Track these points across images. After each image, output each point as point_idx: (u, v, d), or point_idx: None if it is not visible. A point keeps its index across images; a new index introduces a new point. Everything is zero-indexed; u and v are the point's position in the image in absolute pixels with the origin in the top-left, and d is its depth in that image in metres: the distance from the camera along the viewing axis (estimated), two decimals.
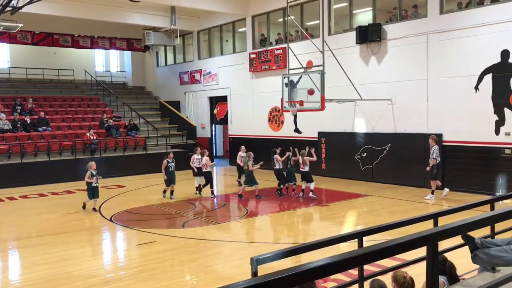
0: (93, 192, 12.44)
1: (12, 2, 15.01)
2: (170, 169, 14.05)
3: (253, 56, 20.89)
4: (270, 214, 12.37)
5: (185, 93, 25.55)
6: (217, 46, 23.73)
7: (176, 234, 10.21)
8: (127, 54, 28.50)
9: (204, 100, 24.59)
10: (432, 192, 13.17)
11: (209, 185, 14.46)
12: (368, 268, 4.59)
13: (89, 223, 11.54)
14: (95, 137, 19.94)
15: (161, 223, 11.71)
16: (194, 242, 9.54)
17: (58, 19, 21.01)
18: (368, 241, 3.62)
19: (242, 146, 16.13)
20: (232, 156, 23.05)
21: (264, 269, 2.75)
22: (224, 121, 23.81)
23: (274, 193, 14.34)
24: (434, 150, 13.01)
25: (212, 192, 14.50)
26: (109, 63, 29.60)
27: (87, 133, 19.96)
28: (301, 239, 10.09)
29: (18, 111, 20.53)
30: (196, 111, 25.05)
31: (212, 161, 15.79)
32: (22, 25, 17.45)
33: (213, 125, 25.03)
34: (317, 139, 18.37)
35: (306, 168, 13.63)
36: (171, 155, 14.45)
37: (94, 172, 12.39)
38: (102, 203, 13.30)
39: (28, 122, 19.78)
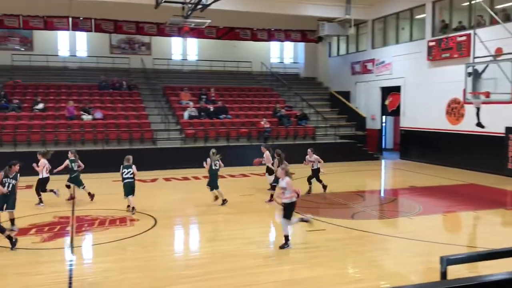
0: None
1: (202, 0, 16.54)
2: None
3: (432, 44, 19.57)
4: (445, 214, 11.54)
5: (356, 83, 25.20)
6: (392, 35, 22.83)
7: (345, 225, 10.20)
8: (301, 45, 29.17)
9: (375, 91, 23.94)
10: None
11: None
12: None
13: (262, 205, 12.20)
14: (268, 125, 20.99)
15: (330, 212, 11.81)
16: (362, 235, 9.41)
17: (239, 14, 22.49)
18: None
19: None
20: (402, 149, 22.07)
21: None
22: (395, 112, 22.88)
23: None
24: None
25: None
26: (283, 54, 30.70)
27: (261, 122, 21.11)
28: (480, 243, 9.20)
29: (204, 99, 22.68)
30: (367, 102, 24.54)
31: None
32: (210, 21, 19.09)
33: (384, 116, 24.25)
34: (504, 135, 16.47)
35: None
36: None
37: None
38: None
39: (211, 110, 21.71)
